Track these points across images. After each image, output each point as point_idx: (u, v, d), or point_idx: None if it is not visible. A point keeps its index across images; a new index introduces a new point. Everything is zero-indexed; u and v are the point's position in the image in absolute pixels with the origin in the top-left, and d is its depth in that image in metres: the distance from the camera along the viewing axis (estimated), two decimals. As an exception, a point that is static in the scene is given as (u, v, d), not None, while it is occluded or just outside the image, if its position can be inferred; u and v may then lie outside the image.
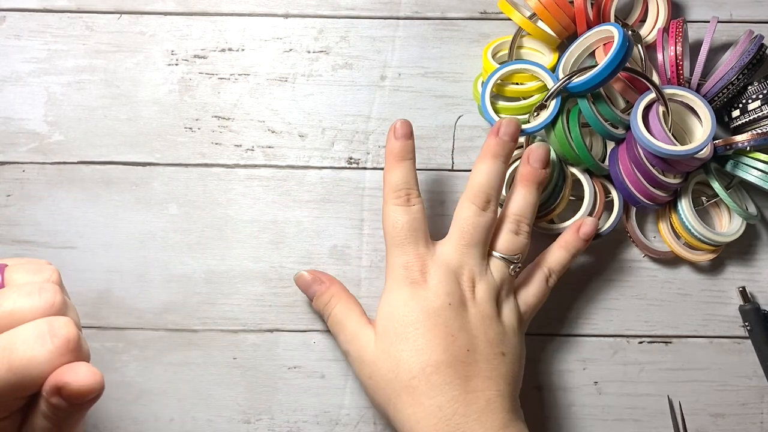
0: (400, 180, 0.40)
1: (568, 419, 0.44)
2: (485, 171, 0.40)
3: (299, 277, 0.43)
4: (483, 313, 0.38)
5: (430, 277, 0.38)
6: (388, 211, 0.40)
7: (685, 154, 0.39)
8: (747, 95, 0.42)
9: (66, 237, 0.45)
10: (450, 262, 0.39)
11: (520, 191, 0.41)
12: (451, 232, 0.40)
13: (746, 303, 0.44)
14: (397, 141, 0.40)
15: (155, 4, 0.46)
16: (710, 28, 0.42)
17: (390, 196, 0.40)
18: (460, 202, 0.40)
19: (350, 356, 0.40)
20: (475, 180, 0.40)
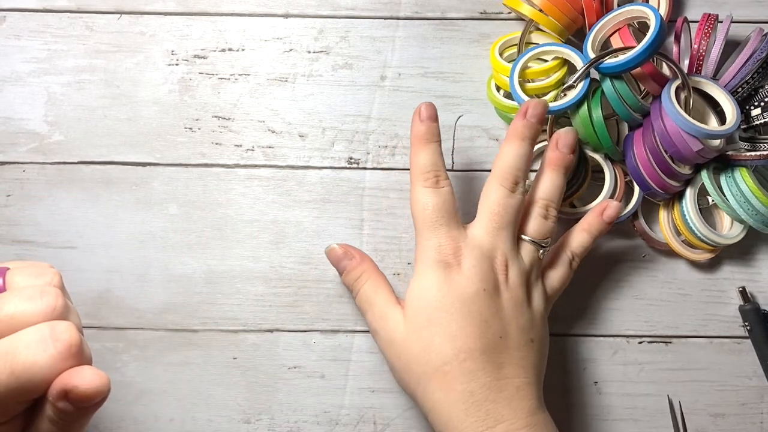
0: (427, 162, 0.39)
1: (568, 419, 0.44)
2: (513, 152, 0.39)
3: (330, 250, 0.42)
4: (515, 299, 0.38)
5: (464, 260, 0.38)
6: (417, 194, 0.39)
7: (720, 133, 0.39)
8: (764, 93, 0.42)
9: (66, 237, 0.45)
10: (483, 245, 0.38)
11: (549, 175, 0.41)
12: (481, 215, 0.39)
13: (746, 303, 0.44)
14: (423, 123, 0.40)
15: (155, 4, 0.46)
16: (723, 26, 0.43)
17: (418, 179, 0.39)
18: (487, 184, 0.40)
19: (378, 335, 0.40)
20: (503, 161, 0.40)
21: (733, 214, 0.42)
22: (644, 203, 0.45)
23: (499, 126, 0.46)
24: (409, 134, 0.46)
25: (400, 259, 0.45)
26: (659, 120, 0.41)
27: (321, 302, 0.44)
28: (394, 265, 0.45)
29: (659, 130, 0.41)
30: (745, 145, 0.42)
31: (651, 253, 0.45)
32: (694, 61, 0.43)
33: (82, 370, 0.26)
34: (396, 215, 0.45)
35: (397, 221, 0.45)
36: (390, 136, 0.46)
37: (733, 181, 0.42)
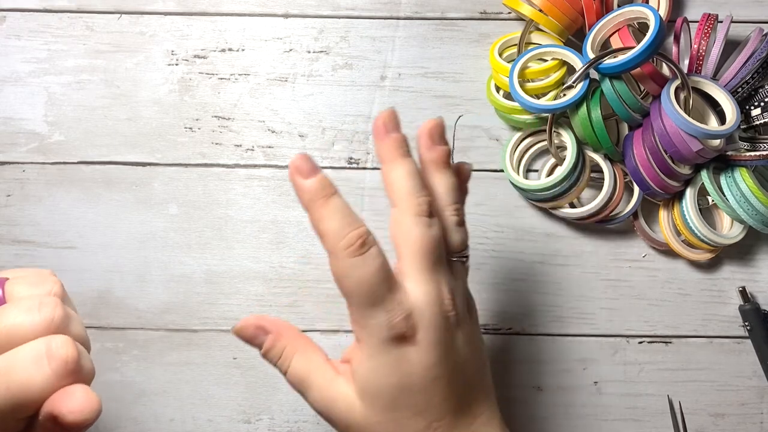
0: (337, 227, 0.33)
1: (568, 419, 0.44)
2: (407, 174, 0.34)
3: (239, 329, 0.35)
4: (467, 334, 0.34)
5: (418, 330, 0.32)
6: (344, 265, 0.32)
7: (720, 133, 0.39)
8: (764, 94, 0.42)
9: (66, 237, 0.45)
10: (428, 297, 0.32)
11: (440, 177, 0.35)
12: (410, 259, 0.33)
13: (746, 303, 0.44)
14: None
15: (155, 4, 0.46)
16: (723, 26, 0.43)
17: (341, 248, 0.33)
18: (398, 219, 0.34)
19: (328, 418, 0.34)
20: (401, 188, 0.34)
21: (733, 214, 0.42)
22: (644, 203, 0.45)
23: (499, 126, 0.46)
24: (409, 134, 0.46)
25: (400, 259, 0.45)
26: (659, 120, 0.41)
27: (321, 302, 0.44)
28: (394, 265, 0.45)
29: (659, 131, 0.41)
30: (745, 145, 0.42)
31: (651, 253, 0.45)
32: (694, 61, 0.43)
33: (73, 393, 0.25)
34: (396, 215, 0.45)
35: (397, 221, 0.45)
36: (390, 136, 0.46)
37: (733, 181, 0.42)
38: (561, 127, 0.44)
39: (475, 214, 0.45)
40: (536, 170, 0.45)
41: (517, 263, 0.45)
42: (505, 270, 0.45)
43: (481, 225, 0.45)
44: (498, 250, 0.45)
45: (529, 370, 0.44)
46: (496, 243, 0.45)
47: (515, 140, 0.45)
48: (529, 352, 0.44)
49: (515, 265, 0.45)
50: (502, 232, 0.45)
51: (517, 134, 0.45)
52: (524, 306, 0.45)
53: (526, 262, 0.45)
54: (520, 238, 0.45)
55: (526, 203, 0.45)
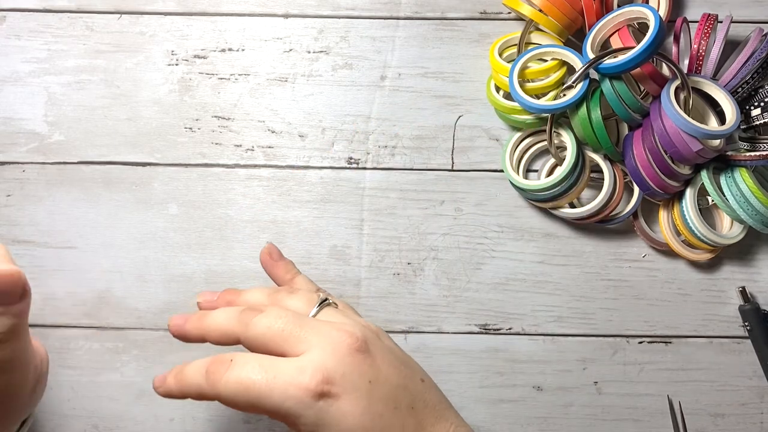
0: None
1: (568, 419, 0.44)
2: (215, 319, 0.34)
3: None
4: (383, 355, 0.32)
5: (333, 380, 0.30)
6: (224, 388, 0.31)
7: (719, 133, 0.39)
8: (764, 94, 0.42)
9: (66, 237, 0.45)
10: (323, 347, 0.31)
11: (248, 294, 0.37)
12: (282, 342, 0.32)
13: (746, 303, 0.44)
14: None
15: (155, 4, 0.46)
16: (723, 26, 0.43)
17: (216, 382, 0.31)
18: (250, 340, 0.32)
19: None
20: (224, 325, 0.34)
21: (732, 214, 0.42)
22: (644, 203, 0.45)
23: (499, 126, 0.46)
24: (408, 134, 0.46)
25: (400, 259, 0.45)
26: (659, 120, 0.41)
27: (321, 302, 0.44)
28: (394, 265, 0.45)
29: (659, 131, 0.41)
30: (744, 145, 0.42)
31: (651, 253, 0.45)
32: (694, 61, 0.43)
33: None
34: (396, 215, 0.45)
35: (397, 221, 0.45)
36: (390, 136, 0.46)
37: (732, 181, 0.42)
38: (561, 127, 0.44)
39: (475, 214, 0.45)
40: (536, 170, 0.45)
41: (517, 263, 0.45)
42: (505, 270, 0.45)
43: (481, 225, 0.45)
44: (498, 250, 0.45)
45: (529, 370, 0.44)
46: (496, 243, 0.45)
47: (515, 140, 0.45)
48: (529, 352, 0.44)
49: (515, 265, 0.45)
50: (502, 232, 0.45)
51: (517, 134, 0.45)
52: (524, 306, 0.45)
53: (526, 262, 0.45)
54: (520, 238, 0.45)
55: (526, 203, 0.46)
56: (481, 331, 0.45)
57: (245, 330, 0.33)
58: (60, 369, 0.44)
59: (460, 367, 0.44)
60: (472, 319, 0.45)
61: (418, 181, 0.45)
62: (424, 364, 0.44)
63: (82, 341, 0.44)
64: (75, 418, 0.43)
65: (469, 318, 0.45)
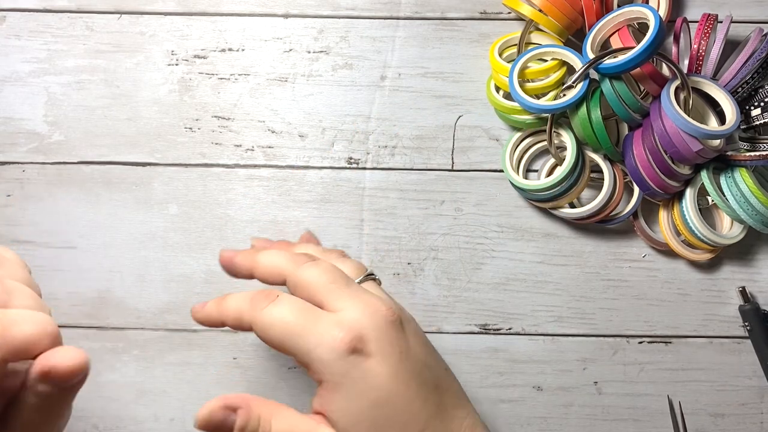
0: None
1: (568, 419, 0.44)
2: (273, 254, 0.35)
3: (206, 418, 0.31)
4: (415, 335, 0.33)
5: (368, 340, 0.31)
6: (261, 319, 0.32)
7: (719, 133, 0.39)
8: (764, 94, 0.42)
9: (66, 237, 0.45)
10: (364, 308, 0.32)
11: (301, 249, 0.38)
12: (325, 294, 0.32)
13: (746, 303, 0.44)
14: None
15: (155, 4, 0.46)
16: (723, 26, 0.43)
17: (252, 310, 0.32)
18: (294, 283, 0.33)
19: None
20: (278, 261, 0.34)
21: (732, 214, 0.42)
22: (644, 203, 0.45)
23: (499, 126, 0.46)
24: (408, 134, 0.46)
25: (400, 259, 0.45)
26: (659, 120, 0.41)
27: (321, 302, 0.44)
28: (395, 265, 0.45)
29: (659, 131, 0.41)
30: (744, 146, 0.42)
31: (651, 253, 0.45)
32: (694, 61, 0.43)
33: (60, 349, 0.26)
34: (396, 215, 0.45)
35: (397, 221, 0.45)
36: (390, 136, 0.46)
37: (732, 181, 0.42)
38: (561, 127, 0.44)
39: (475, 214, 0.45)
40: (536, 170, 0.45)
41: (517, 263, 0.45)
42: (505, 270, 0.45)
43: (481, 225, 0.45)
44: (498, 250, 0.45)
45: (529, 370, 0.44)
46: (496, 243, 0.45)
47: (515, 140, 0.45)
48: (529, 352, 0.44)
49: (515, 265, 0.45)
50: (502, 232, 0.45)
51: (517, 134, 0.45)
52: (524, 306, 0.45)
53: (526, 262, 0.45)
54: (520, 238, 0.45)
55: (526, 203, 0.46)
56: (481, 331, 0.45)
57: (295, 270, 0.33)
58: (60, 369, 0.44)
59: (460, 367, 0.44)
60: (472, 319, 0.45)
61: (418, 181, 0.45)
62: (424, 364, 0.44)
63: (82, 341, 0.44)
64: (75, 418, 0.43)
65: (469, 318, 0.45)
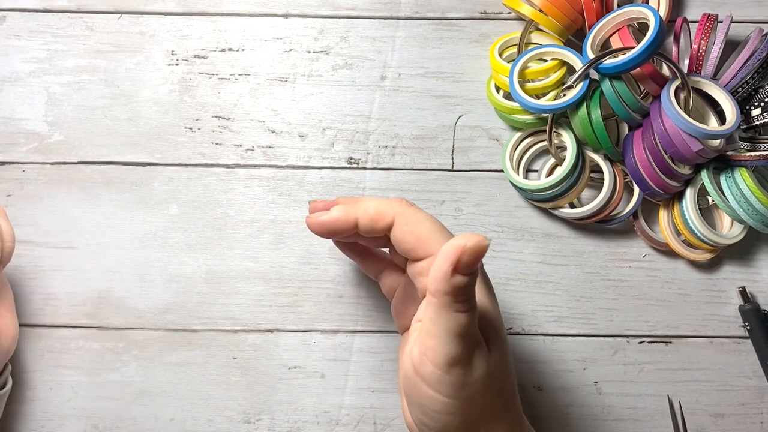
0: None
1: (568, 419, 0.44)
2: (375, 201, 0.35)
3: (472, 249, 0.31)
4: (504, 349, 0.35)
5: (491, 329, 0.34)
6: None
7: (720, 133, 0.39)
8: (764, 94, 0.42)
9: (66, 237, 0.45)
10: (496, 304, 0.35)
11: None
12: (438, 240, 0.33)
13: (746, 303, 0.44)
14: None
15: (155, 4, 0.46)
16: (723, 26, 0.43)
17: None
18: (401, 216, 0.33)
19: None
20: (377, 207, 0.34)
21: (733, 214, 0.42)
22: (644, 203, 0.45)
23: (499, 126, 0.46)
24: (409, 134, 0.46)
25: (400, 259, 0.45)
26: (659, 120, 0.41)
27: (321, 302, 0.44)
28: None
29: (659, 131, 0.41)
30: (745, 146, 0.42)
31: (651, 253, 0.45)
32: (694, 61, 0.43)
33: None
34: (396, 215, 0.45)
35: (397, 221, 0.45)
36: (390, 136, 0.46)
37: (733, 181, 0.42)
38: (561, 127, 0.44)
39: (475, 214, 0.45)
40: (536, 170, 0.45)
41: (517, 263, 0.45)
42: (505, 270, 0.45)
43: (481, 225, 0.45)
44: (498, 250, 0.45)
45: (529, 370, 0.44)
46: (496, 243, 0.45)
47: (515, 140, 0.45)
48: (529, 352, 0.44)
49: (515, 265, 0.45)
50: (502, 232, 0.45)
51: (517, 134, 0.45)
52: (524, 306, 0.45)
53: (526, 262, 0.45)
54: (520, 238, 0.45)
55: (526, 203, 0.46)
56: (481, 331, 0.45)
57: (405, 208, 0.33)
58: (60, 369, 0.44)
59: (460, 367, 0.44)
60: (472, 319, 0.45)
61: (418, 181, 0.45)
62: (424, 364, 0.44)
63: (82, 341, 0.44)
64: (75, 418, 0.43)
65: (469, 318, 0.45)
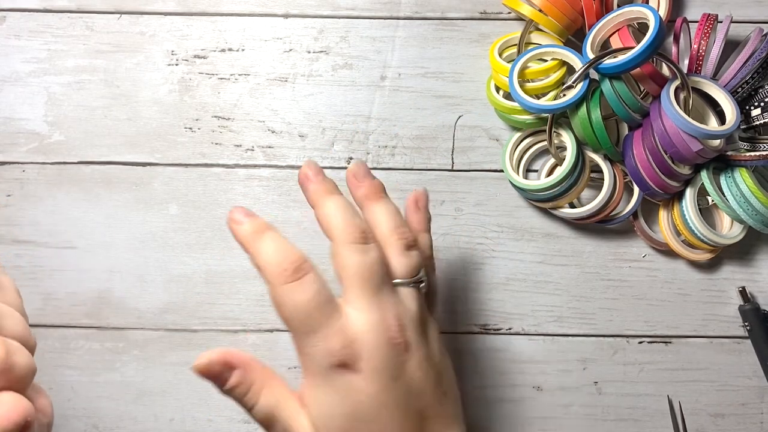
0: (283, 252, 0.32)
1: (568, 419, 0.44)
2: (336, 208, 0.34)
3: (204, 367, 0.32)
4: (420, 360, 0.33)
5: (360, 357, 0.31)
6: (279, 292, 0.31)
7: (719, 133, 0.39)
8: (764, 94, 0.42)
9: (66, 237, 0.45)
10: (370, 325, 0.31)
11: (375, 207, 0.35)
12: (349, 288, 0.32)
13: (746, 303, 0.44)
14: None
15: (155, 4, 0.46)
16: (723, 26, 0.43)
17: (276, 276, 0.31)
18: (334, 251, 0.33)
19: None
20: (334, 222, 0.33)
21: (732, 214, 0.42)
22: (644, 203, 0.45)
23: (499, 126, 0.46)
24: (409, 134, 0.46)
25: (400, 259, 0.45)
26: (659, 120, 0.41)
27: (321, 302, 0.44)
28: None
29: (659, 131, 0.41)
30: (744, 146, 0.42)
31: (651, 253, 0.45)
32: (694, 61, 0.43)
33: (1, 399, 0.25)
34: (396, 215, 0.45)
35: (397, 221, 0.45)
36: (390, 136, 0.46)
37: (732, 181, 0.42)
38: (561, 127, 0.44)
39: (475, 214, 0.45)
40: (536, 170, 0.45)
41: (517, 263, 0.45)
42: (505, 270, 0.45)
43: (481, 225, 0.45)
44: (498, 250, 0.45)
45: (529, 370, 0.44)
46: (496, 243, 0.45)
47: (515, 140, 0.45)
48: (529, 352, 0.44)
49: (515, 265, 0.45)
50: (502, 232, 0.45)
51: (517, 134, 0.45)
52: (524, 306, 0.45)
53: (526, 262, 0.45)
54: (520, 238, 0.45)
55: (526, 203, 0.46)
56: (481, 331, 0.45)
57: (342, 244, 0.33)
58: (60, 369, 0.44)
59: (460, 367, 0.44)
60: (472, 319, 0.45)
61: (418, 181, 0.45)
62: (424, 364, 0.44)
63: (82, 341, 0.44)
64: (75, 418, 0.43)
65: (469, 318, 0.45)
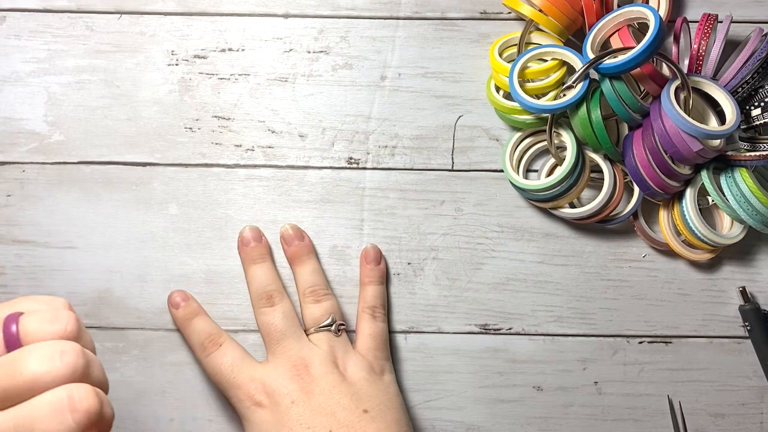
0: None
1: (568, 419, 0.44)
2: (254, 275, 0.43)
3: None
4: (326, 388, 0.39)
5: (269, 394, 0.40)
6: (204, 365, 0.42)
7: (720, 133, 0.39)
8: (764, 94, 0.42)
9: (66, 237, 0.45)
10: (273, 366, 0.41)
11: (298, 269, 0.44)
12: (265, 343, 0.42)
13: (746, 303, 0.44)
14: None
15: (155, 4, 0.46)
16: (723, 26, 0.43)
17: (200, 353, 0.43)
18: (256, 312, 0.43)
19: None
20: (251, 288, 0.43)
21: (733, 214, 0.42)
22: (644, 203, 0.45)
23: (499, 126, 0.46)
24: (408, 134, 0.46)
25: (400, 259, 0.45)
26: (659, 120, 0.41)
27: (321, 302, 0.44)
28: (395, 265, 0.45)
29: (659, 131, 0.41)
30: (745, 146, 0.42)
31: (651, 253, 0.45)
32: (694, 61, 0.43)
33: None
34: (396, 215, 0.45)
35: (397, 221, 0.45)
36: (390, 136, 0.46)
37: (733, 181, 0.42)
38: (561, 127, 0.44)
39: (475, 214, 0.45)
40: (536, 170, 0.45)
41: (517, 263, 0.45)
42: (505, 270, 0.45)
43: (481, 225, 0.45)
44: (498, 250, 0.45)
45: (529, 370, 0.44)
46: (496, 243, 0.45)
47: (515, 140, 0.45)
48: (529, 352, 0.45)
49: (515, 265, 0.45)
50: (502, 232, 0.45)
51: (517, 134, 0.45)
52: (524, 306, 0.45)
53: (526, 262, 0.45)
54: (520, 238, 0.45)
55: (526, 203, 0.46)
56: (481, 331, 0.45)
57: (261, 308, 0.42)
58: (60, 369, 0.44)
59: (460, 367, 0.44)
60: (472, 319, 0.45)
61: (418, 181, 0.45)
62: (424, 364, 0.44)
63: (82, 341, 0.44)
64: (75, 418, 0.43)
65: (469, 318, 0.45)
